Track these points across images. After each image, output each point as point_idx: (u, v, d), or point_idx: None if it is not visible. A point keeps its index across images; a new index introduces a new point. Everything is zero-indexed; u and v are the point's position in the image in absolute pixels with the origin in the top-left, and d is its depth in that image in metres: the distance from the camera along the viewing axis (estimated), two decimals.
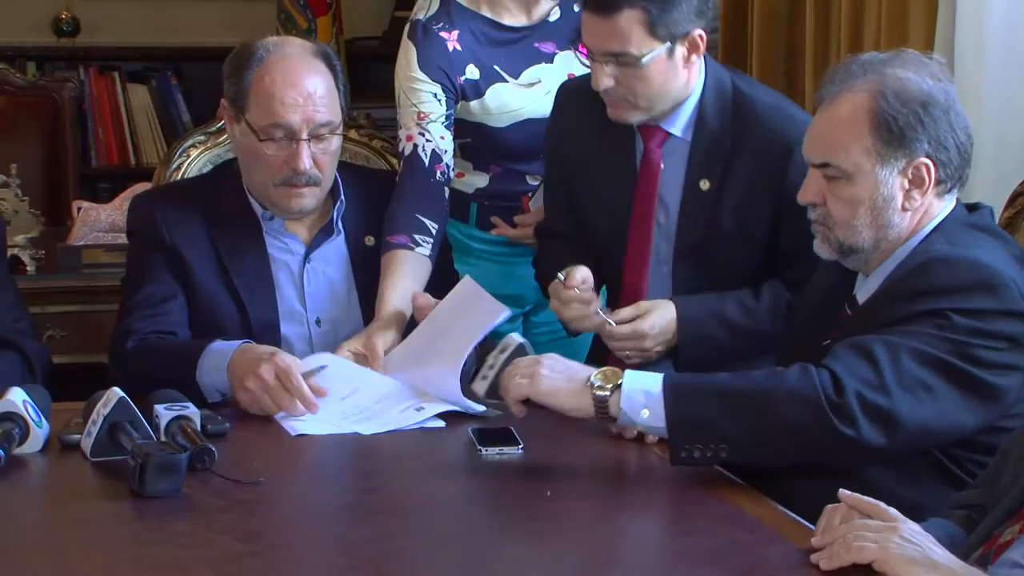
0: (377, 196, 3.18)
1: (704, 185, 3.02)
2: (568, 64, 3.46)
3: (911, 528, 2.02)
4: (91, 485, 2.39)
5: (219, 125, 3.51)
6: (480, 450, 2.51)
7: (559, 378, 2.44)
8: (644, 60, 2.92)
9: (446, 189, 3.32)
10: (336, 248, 3.12)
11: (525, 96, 3.43)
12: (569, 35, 3.45)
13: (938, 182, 2.52)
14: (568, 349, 3.03)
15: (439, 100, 3.37)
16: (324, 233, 3.11)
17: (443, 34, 3.38)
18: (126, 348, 2.95)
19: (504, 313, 2.90)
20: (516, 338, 2.52)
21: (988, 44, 3.23)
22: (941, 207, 2.56)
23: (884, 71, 2.53)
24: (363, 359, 2.91)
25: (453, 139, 3.37)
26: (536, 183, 3.46)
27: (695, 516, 2.29)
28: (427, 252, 3.16)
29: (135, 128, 6.54)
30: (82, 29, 6.57)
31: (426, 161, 3.32)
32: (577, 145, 3.15)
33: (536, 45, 3.45)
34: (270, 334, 2.96)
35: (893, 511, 2.06)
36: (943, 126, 2.50)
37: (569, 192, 3.20)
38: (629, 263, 3.10)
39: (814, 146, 2.60)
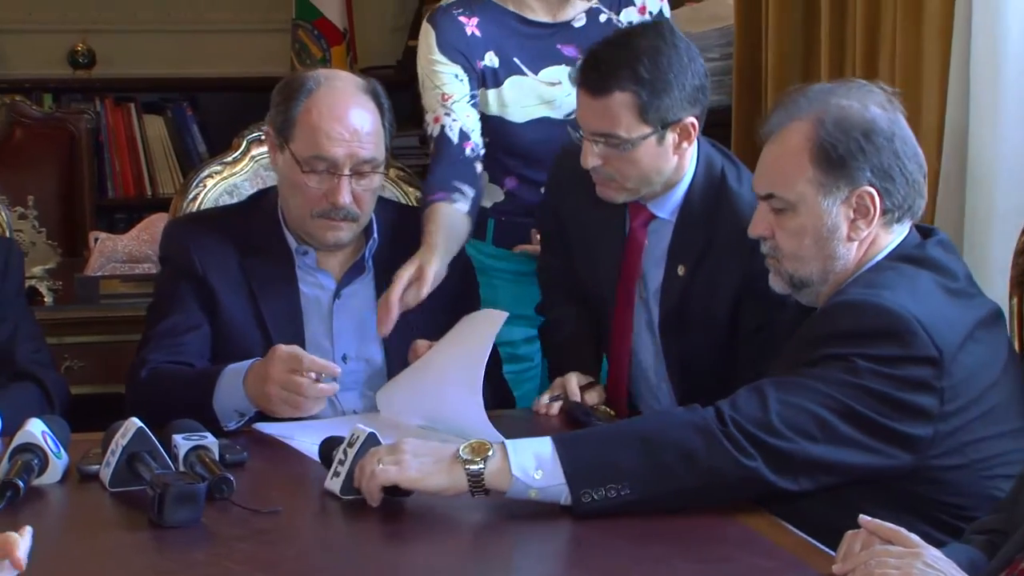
0: (408, 233, 3.15)
1: (680, 271, 3.01)
2: None
3: (933, 554, 2.01)
4: (110, 516, 2.39)
5: (235, 155, 3.52)
6: None
7: (427, 460, 2.33)
8: (632, 144, 2.90)
9: (478, 165, 3.36)
10: (365, 286, 3.11)
11: (545, 92, 3.43)
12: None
13: (884, 211, 2.51)
14: None
15: (460, 80, 3.40)
16: (355, 270, 3.10)
17: (462, 19, 3.40)
18: (140, 377, 2.95)
19: (504, 314, 2.88)
20: (364, 429, 2.42)
21: (1004, 65, 3.21)
22: (889, 239, 2.54)
23: (828, 100, 2.53)
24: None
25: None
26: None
27: (713, 542, 2.27)
28: (465, 209, 3.22)
29: (151, 159, 6.57)
30: (98, 61, 6.62)
31: (455, 139, 3.35)
32: (573, 207, 3.15)
33: (559, 46, 3.45)
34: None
35: (915, 537, 2.04)
36: (887, 154, 2.49)
37: (566, 247, 3.21)
38: (615, 335, 3.11)
39: (760, 178, 2.61)
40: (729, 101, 4.38)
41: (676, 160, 2.97)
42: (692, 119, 2.94)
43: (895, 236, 2.55)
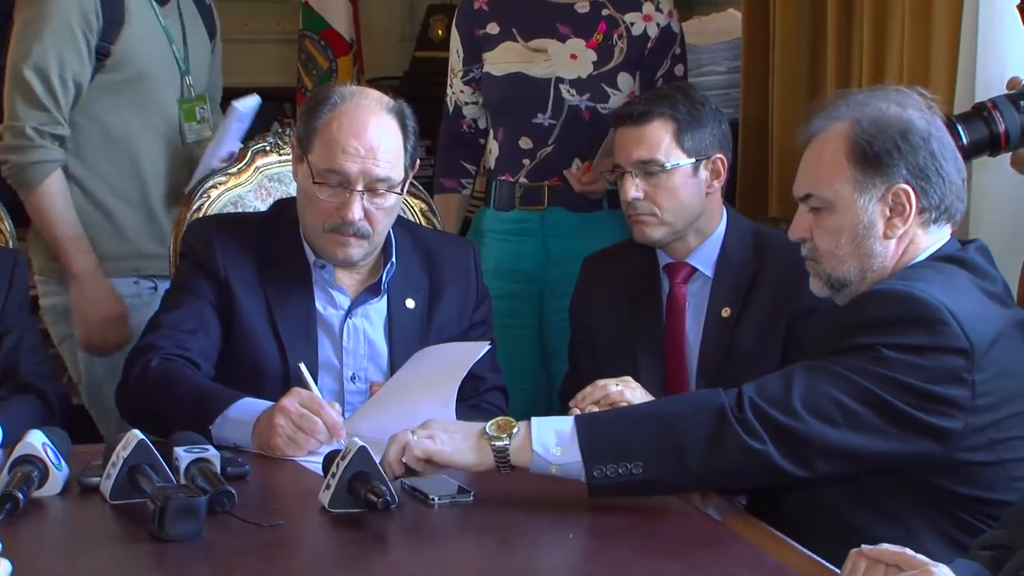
0: (426, 258, 3.17)
1: (725, 312, 3.19)
2: (575, 49, 3.78)
3: (941, 572, 1.99)
4: (110, 528, 2.37)
5: (240, 166, 3.52)
6: (432, 500, 2.44)
7: (458, 436, 2.42)
8: (670, 169, 3.19)
9: (478, 139, 3.95)
10: (378, 309, 3.10)
11: (527, 55, 3.80)
12: (590, 31, 3.78)
13: (921, 210, 2.52)
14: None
15: (459, 56, 3.92)
16: (370, 292, 3.09)
17: None
18: (150, 365, 2.91)
19: (485, 345, 2.89)
20: (357, 442, 2.41)
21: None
22: (928, 241, 2.55)
23: (866, 103, 2.57)
24: None
25: (477, 97, 3.91)
26: (529, 147, 3.80)
27: (715, 560, 2.25)
28: (468, 191, 3.99)
29: None
30: None
31: (451, 111, 3.97)
32: (606, 298, 3.33)
33: (557, 24, 3.80)
34: (305, 383, 2.84)
35: (921, 556, 2.02)
36: (923, 153, 2.51)
37: (592, 351, 3.33)
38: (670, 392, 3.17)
39: (799, 180, 2.63)
40: (736, 114, 4.39)
41: (708, 204, 3.23)
42: (722, 156, 3.26)
43: (935, 239, 2.56)
